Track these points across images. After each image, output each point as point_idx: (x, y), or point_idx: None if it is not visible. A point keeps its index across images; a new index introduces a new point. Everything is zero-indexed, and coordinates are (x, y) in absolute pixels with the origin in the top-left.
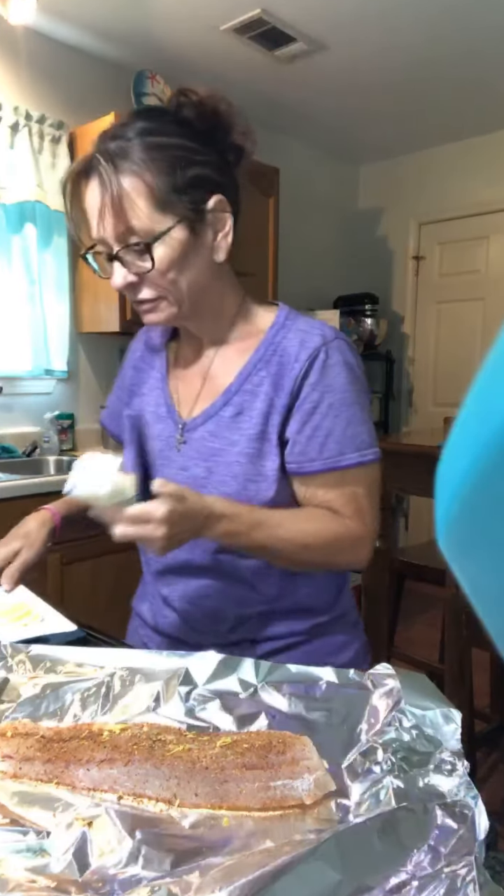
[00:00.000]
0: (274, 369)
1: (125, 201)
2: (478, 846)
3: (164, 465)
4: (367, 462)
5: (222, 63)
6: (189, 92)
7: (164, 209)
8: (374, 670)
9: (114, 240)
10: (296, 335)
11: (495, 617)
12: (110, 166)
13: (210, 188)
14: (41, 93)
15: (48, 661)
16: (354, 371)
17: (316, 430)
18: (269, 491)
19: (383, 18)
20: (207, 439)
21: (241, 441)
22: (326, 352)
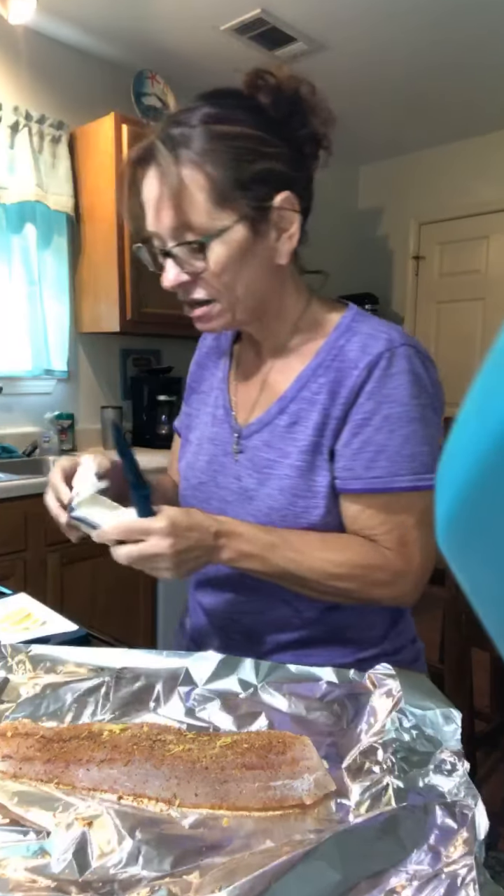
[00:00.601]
0: (332, 376)
1: (183, 194)
2: (478, 846)
3: (218, 471)
4: (424, 488)
5: (222, 63)
6: (267, 74)
7: (223, 205)
8: (374, 670)
9: (168, 235)
10: (359, 339)
11: (495, 617)
12: (170, 155)
13: (278, 184)
14: (41, 93)
15: (48, 661)
16: (422, 382)
17: (365, 445)
18: (318, 508)
19: (383, 18)
20: (261, 449)
21: (293, 453)
22: (390, 358)
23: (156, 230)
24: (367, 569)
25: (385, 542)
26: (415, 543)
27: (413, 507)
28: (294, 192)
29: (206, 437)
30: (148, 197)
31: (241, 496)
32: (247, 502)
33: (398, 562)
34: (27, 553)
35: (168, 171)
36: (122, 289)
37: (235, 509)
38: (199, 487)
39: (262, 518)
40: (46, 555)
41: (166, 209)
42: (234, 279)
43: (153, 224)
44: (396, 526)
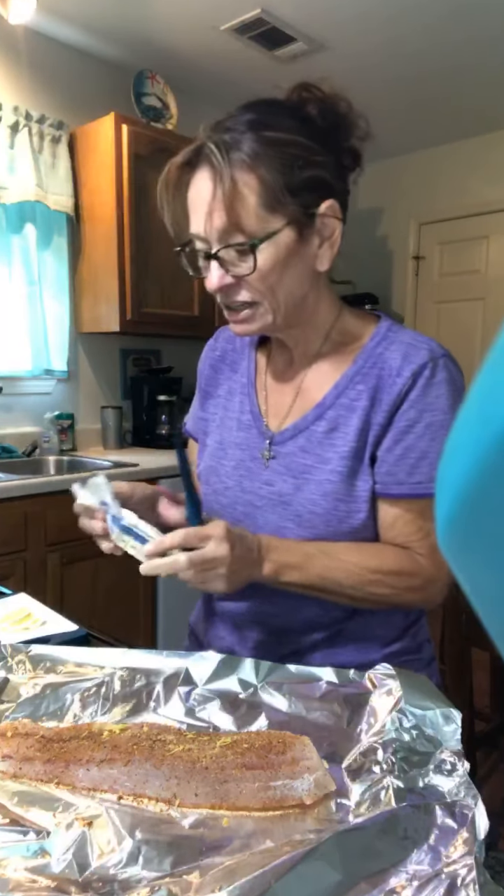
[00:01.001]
0: (373, 382)
1: (235, 196)
2: (478, 846)
3: (244, 476)
4: None
5: (222, 63)
6: (313, 88)
7: (274, 209)
8: (374, 670)
9: (216, 237)
10: (399, 347)
11: (495, 617)
12: (224, 158)
13: (323, 192)
14: (41, 93)
15: (48, 661)
16: (461, 392)
17: (408, 451)
18: (360, 513)
19: (383, 18)
20: (297, 455)
21: (333, 458)
22: (433, 368)
23: (203, 232)
24: (401, 575)
25: (419, 549)
26: None
27: None
28: (337, 201)
29: (230, 442)
30: (197, 199)
31: (272, 501)
32: (281, 507)
33: (430, 567)
34: (27, 553)
35: (222, 172)
36: (122, 289)
37: (266, 514)
38: (224, 492)
39: (302, 522)
40: (46, 555)
41: (218, 211)
42: (278, 283)
43: (201, 226)
44: (430, 532)
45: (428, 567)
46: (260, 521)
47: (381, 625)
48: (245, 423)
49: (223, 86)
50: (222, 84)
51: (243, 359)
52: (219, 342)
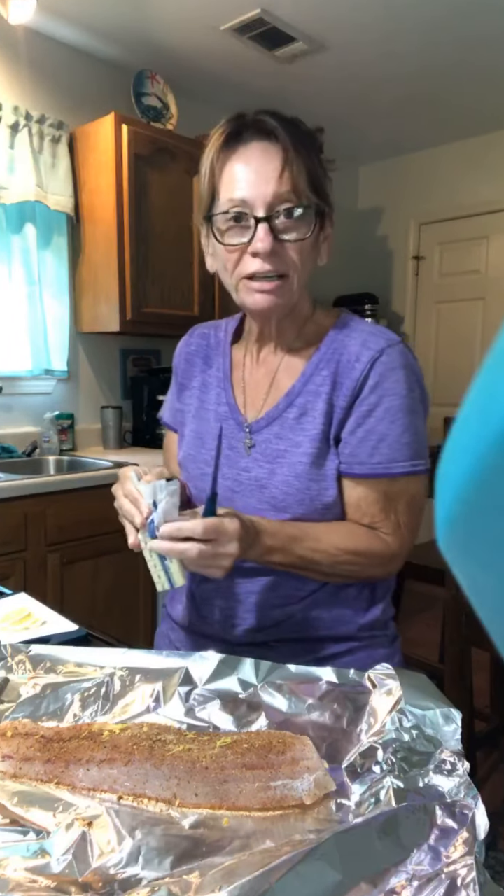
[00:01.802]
0: (334, 368)
1: (299, 167)
2: (478, 846)
3: (224, 464)
4: (417, 473)
5: (222, 63)
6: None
7: (315, 190)
8: (374, 670)
9: (270, 201)
10: (359, 335)
11: (495, 617)
12: (289, 131)
13: (327, 196)
14: (41, 93)
15: (48, 661)
16: (416, 377)
17: (369, 434)
18: (330, 490)
19: (383, 18)
20: (272, 441)
21: (304, 442)
22: (390, 355)
23: (252, 197)
24: (370, 555)
25: (384, 528)
26: (406, 526)
27: (406, 492)
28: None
29: (207, 433)
30: (257, 166)
31: (250, 486)
32: (258, 491)
33: (394, 545)
34: (27, 553)
35: (287, 143)
36: (121, 289)
37: (245, 498)
38: (202, 478)
39: (277, 504)
40: (46, 555)
41: (285, 176)
42: (305, 261)
43: (258, 191)
44: (393, 512)
45: (392, 544)
46: (239, 504)
47: (354, 596)
48: (222, 415)
49: (223, 86)
50: (222, 84)
51: (218, 355)
52: (193, 338)
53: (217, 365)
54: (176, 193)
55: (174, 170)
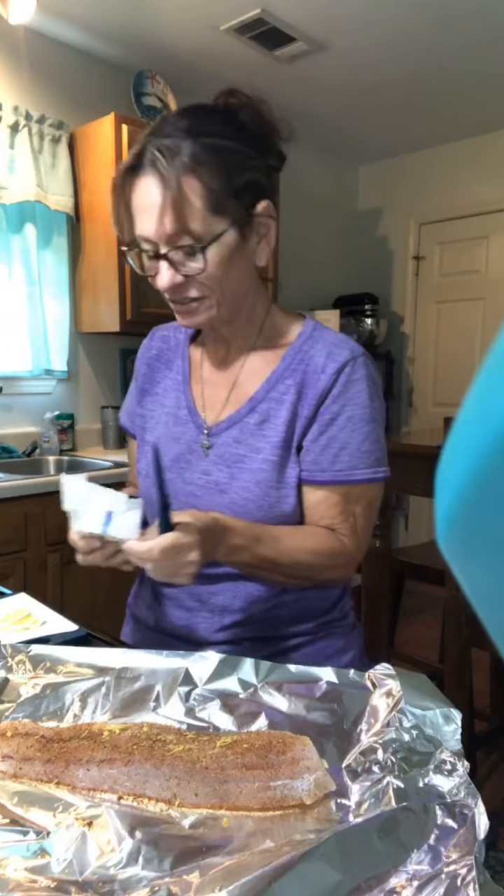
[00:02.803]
0: (299, 378)
1: (183, 201)
2: (478, 846)
3: (185, 468)
4: (377, 480)
5: (222, 63)
6: (239, 93)
7: (218, 211)
8: (374, 670)
9: (165, 239)
10: (324, 346)
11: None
12: (169, 164)
13: (259, 193)
14: (41, 93)
15: (48, 661)
16: (377, 388)
17: (331, 442)
18: (289, 498)
19: (383, 18)
20: (232, 445)
21: (265, 448)
22: (353, 366)
23: (151, 235)
24: (331, 556)
25: (342, 530)
26: (363, 530)
27: (364, 497)
28: (270, 201)
29: (168, 437)
30: (144, 203)
31: (210, 490)
32: (218, 495)
33: (352, 547)
34: (27, 553)
35: (168, 178)
36: (121, 289)
37: (205, 502)
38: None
39: (236, 509)
40: (46, 555)
41: (167, 215)
42: (225, 279)
43: (151, 229)
44: (351, 515)
45: (350, 546)
46: (201, 508)
47: (315, 597)
48: (182, 418)
49: (223, 86)
50: (222, 84)
51: (177, 357)
52: (154, 341)
53: (176, 367)
54: None
55: None
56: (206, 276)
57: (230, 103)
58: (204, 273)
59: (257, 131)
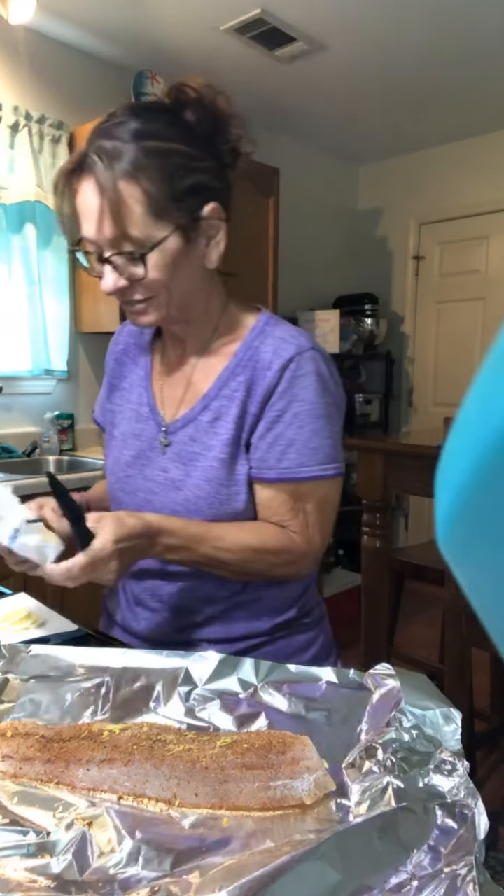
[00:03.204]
0: (249, 374)
1: (121, 207)
2: (478, 846)
3: (145, 465)
4: (326, 477)
5: (222, 63)
6: (188, 88)
7: (160, 217)
8: (374, 670)
9: (106, 244)
10: (272, 342)
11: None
12: (108, 170)
13: (206, 196)
14: (41, 93)
15: (48, 661)
16: (326, 383)
17: (278, 439)
18: (241, 495)
19: (383, 18)
20: (187, 443)
21: (216, 446)
22: (299, 362)
23: (93, 238)
24: (278, 553)
25: (292, 527)
26: (315, 526)
27: (314, 494)
28: (219, 203)
29: (130, 433)
30: (85, 207)
31: (167, 487)
32: (174, 492)
33: (303, 544)
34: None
35: (106, 184)
36: None
37: (162, 499)
38: (126, 480)
39: (190, 506)
40: None
41: (106, 221)
42: (170, 282)
43: (92, 232)
44: (301, 511)
45: (300, 543)
46: (157, 504)
47: (275, 597)
48: (143, 415)
49: (223, 86)
50: (222, 84)
51: (143, 353)
52: (122, 336)
53: (141, 364)
54: None
55: None
56: (148, 280)
57: (179, 99)
58: (146, 278)
59: (205, 131)
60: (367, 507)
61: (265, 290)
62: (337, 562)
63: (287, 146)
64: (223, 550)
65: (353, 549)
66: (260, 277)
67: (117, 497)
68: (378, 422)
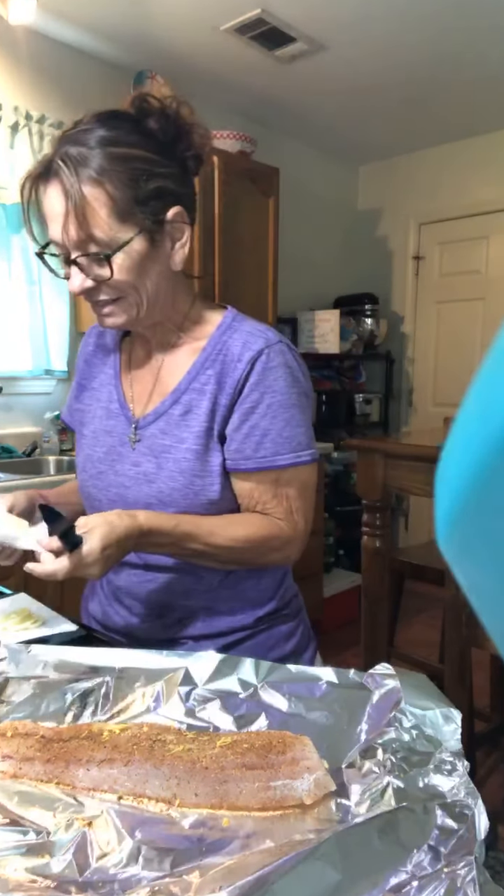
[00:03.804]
0: (218, 368)
1: (87, 210)
2: (478, 846)
3: (116, 460)
4: (302, 463)
5: (222, 63)
6: (151, 98)
7: (124, 220)
8: (374, 670)
9: (73, 246)
10: (240, 336)
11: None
12: (73, 174)
13: (170, 200)
14: (41, 93)
15: (48, 661)
16: (295, 374)
17: (253, 430)
18: (214, 485)
19: (383, 18)
20: (158, 437)
21: (189, 438)
22: (268, 354)
23: (60, 241)
24: (265, 539)
25: (276, 514)
26: (298, 511)
27: (295, 480)
28: (183, 206)
29: (101, 430)
30: (52, 210)
31: (139, 480)
32: (146, 485)
33: (288, 529)
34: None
35: (72, 189)
36: None
37: (135, 493)
38: (99, 476)
39: (164, 498)
40: None
41: (70, 223)
42: (136, 283)
43: (57, 235)
44: (284, 498)
45: (286, 529)
46: (130, 499)
47: (252, 588)
48: (114, 412)
49: (223, 86)
50: (222, 84)
51: (111, 352)
52: (91, 338)
53: (110, 362)
54: None
55: None
56: (114, 281)
57: (142, 108)
58: (112, 279)
59: (168, 138)
60: (367, 507)
61: (265, 290)
62: (337, 562)
63: (287, 146)
64: (213, 545)
65: (353, 549)
66: (260, 277)
67: (90, 494)
68: (378, 422)
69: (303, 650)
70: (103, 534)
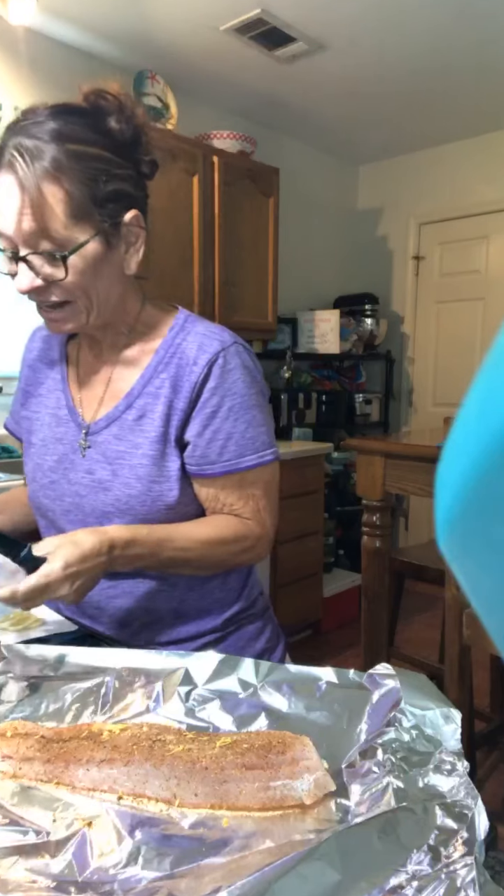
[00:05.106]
0: (173, 371)
1: (43, 206)
2: (478, 846)
3: (68, 468)
4: (266, 462)
5: (222, 63)
6: (108, 94)
7: (81, 220)
8: (374, 670)
9: (23, 241)
10: (195, 338)
11: (495, 617)
12: (28, 167)
13: (127, 203)
14: (41, 93)
15: (48, 661)
16: (253, 374)
17: (216, 434)
18: (172, 491)
19: (383, 18)
20: (112, 443)
21: (144, 444)
22: (225, 357)
23: (10, 235)
24: (236, 541)
25: (244, 514)
26: (265, 510)
27: (259, 480)
28: (139, 210)
29: (51, 438)
30: (2, 203)
31: (94, 488)
32: (102, 493)
33: (257, 528)
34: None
35: (26, 182)
36: None
37: (91, 501)
38: (51, 486)
39: (121, 506)
40: None
41: (25, 218)
42: (88, 286)
43: (7, 228)
44: (251, 498)
45: (255, 528)
46: (87, 508)
47: (219, 588)
48: (63, 418)
49: (223, 86)
50: (222, 84)
51: (57, 357)
52: (34, 342)
53: (56, 368)
54: (176, 193)
55: (174, 170)
56: (67, 283)
57: (100, 106)
58: (65, 280)
59: (127, 139)
60: (367, 507)
61: (265, 290)
62: (337, 562)
63: (287, 146)
64: (186, 550)
65: (353, 549)
66: (260, 277)
67: (42, 504)
68: (378, 422)
69: (273, 648)
70: (66, 553)
